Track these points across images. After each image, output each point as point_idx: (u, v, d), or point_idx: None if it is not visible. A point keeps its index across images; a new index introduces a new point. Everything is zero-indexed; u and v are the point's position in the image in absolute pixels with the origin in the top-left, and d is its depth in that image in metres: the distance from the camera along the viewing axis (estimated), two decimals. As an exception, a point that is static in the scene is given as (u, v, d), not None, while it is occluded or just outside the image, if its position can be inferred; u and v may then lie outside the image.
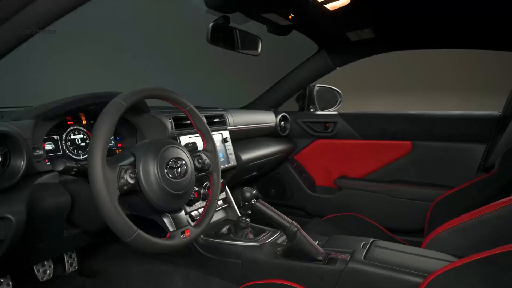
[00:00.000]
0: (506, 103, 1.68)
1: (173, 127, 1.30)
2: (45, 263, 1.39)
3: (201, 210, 1.38)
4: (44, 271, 1.39)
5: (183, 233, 0.93)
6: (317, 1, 1.13)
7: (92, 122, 1.20)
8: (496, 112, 1.72)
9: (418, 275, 0.92)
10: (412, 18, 1.43)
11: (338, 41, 1.73)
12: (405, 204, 1.85)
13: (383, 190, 1.94)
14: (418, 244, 1.72)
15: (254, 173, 1.99)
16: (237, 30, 1.39)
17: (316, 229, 1.69)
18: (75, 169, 0.84)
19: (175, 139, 1.32)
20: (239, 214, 1.40)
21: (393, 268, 0.97)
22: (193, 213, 1.36)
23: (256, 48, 1.51)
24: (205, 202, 1.40)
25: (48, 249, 1.13)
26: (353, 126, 2.05)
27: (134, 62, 1.98)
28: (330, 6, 1.18)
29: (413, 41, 1.71)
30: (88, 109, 1.11)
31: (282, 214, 1.13)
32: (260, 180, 2.32)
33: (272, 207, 1.15)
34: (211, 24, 1.26)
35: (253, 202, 1.18)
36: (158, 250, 0.84)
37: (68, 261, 1.47)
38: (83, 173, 0.86)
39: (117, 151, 1.28)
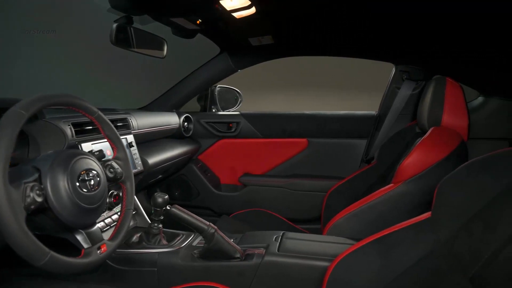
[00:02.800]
0: (380, 104, 1.99)
1: (74, 134, 1.19)
2: None
3: (107, 220, 1.30)
4: None
5: (99, 248, 0.88)
6: (226, 10, 1.17)
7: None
8: (373, 112, 2.02)
9: (325, 259, 1.04)
10: (305, 29, 1.59)
11: (240, 45, 1.81)
12: (304, 195, 2.05)
13: (283, 184, 2.10)
14: (317, 231, 1.93)
15: (160, 176, 1.94)
16: (142, 32, 1.34)
17: (225, 227, 1.74)
18: None
19: (76, 147, 1.22)
20: (149, 221, 1.36)
21: (304, 256, 1.09)
22: (99, 225, 1.27)
23: (162, 50, 1.48)
24: (112, 212, 1.33)
25: None
26: (255, 126, 2.16)
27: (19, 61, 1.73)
28: (237, 15, 1.23)
29: (306, 49, 1.90)
30: None
31: (198, 217, 1.15)
32: (163, 182, 2.27)
33: (187, 211, 1.16)
34: (115, 25, 1.19)
35: (168, 207, 1.17)
36: (75, 271, 0.78)
37: None
38: None
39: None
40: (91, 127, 1.27)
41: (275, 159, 2.18)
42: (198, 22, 1.29)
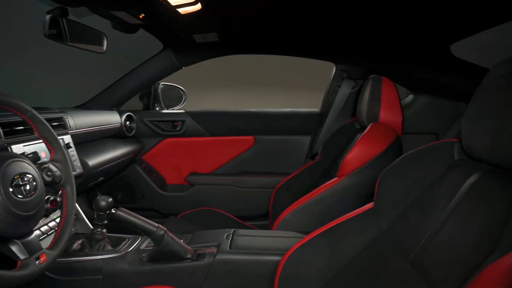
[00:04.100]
0: (322, 102, 2.08)
1: (2, 136, 1.08)
2: None
3: (44, 228, 1.20)
4: None
5: (38, 258, 0.81)
6: (171, 5, 1.13)
7: None
8: (316, 109, 2.10)
9: (277, 254, 1.07)
10: (250, 28, 1.60)
11: (185, 42, 1.77)
12: (251, 192, 2.07)
13: (231, 182, 2.10)
14: (265, 227, 1.96)
15: (101, 178, 1.84)
16: (78, 25, 1.25)
17: (173, 228, 1.70)
18: None
19: (5, 149, 1.10)
20: (91, 226, 1.29)
21: (256, 252, 1.10)
22: (36, 232, 1.17)
23: (101, 45, 1.39)
24: (48, 219, 1.23)
25: None
26: (201, 124, 2.13)
27: None
28: (182, 10, 1.20)
29: (251, 47, 1.91)
30: None
31: (146, 219, 1.11)
32: (104, 185, 2.15)
33: (134, 213, 1.11)
34: (48, 16, 1.09)
35: (113, 211, 1.11)
36: (11, 284, 0.71)
37: None
38: None
39: None
40: (22, 127, 1.17)
41: (222, 157, 2.18)
42: (140, 16, 1.24)
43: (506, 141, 0.66)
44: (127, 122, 2.05)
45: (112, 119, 1.92)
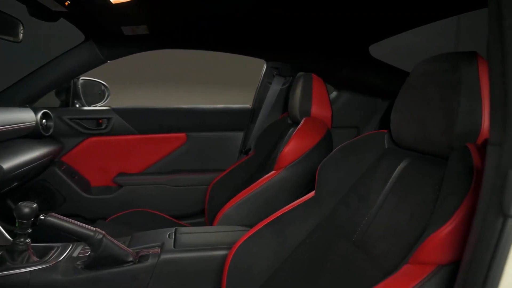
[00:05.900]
0: (254, 98, 2.13)
1: None
2: None
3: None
4: None
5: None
6: (102, -8, 1.06)
7: None
8: (248, 105, 2.14)
9: (224, 248, 1.07)
10: (182, 22, 1.58)
11: (110, 34, 1.66)
12: (185, 190, 2.03)
13: (163, 181, 2.04)
14: (201, 224, 1.95)
15: (15, 183, 1.64)
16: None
17: (106, 232, 1.60)
18: None
19: None
20: (10, 238, 1.16)
21: (202, 248, 1.09)
22: None
23: (16, 34, 1.24)
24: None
25: None
26: (129, 122, 2.03)
27: None
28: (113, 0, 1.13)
29: (182, 42, 1.88)
30: None
31: (81, 223, 1.03)
32: (18, 191, 1.92)
33: (67, 218, 1.02)
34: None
35: (42, 217, 1.01)
36: None
37: None
38: None
39: None
40: None
41: (153, 155, 2.10)
42: (66, 3, 1.13)
43: (430, 130, 0.76)
44: (44, 120, 1.86)
45: (25, 117, 1.72)
